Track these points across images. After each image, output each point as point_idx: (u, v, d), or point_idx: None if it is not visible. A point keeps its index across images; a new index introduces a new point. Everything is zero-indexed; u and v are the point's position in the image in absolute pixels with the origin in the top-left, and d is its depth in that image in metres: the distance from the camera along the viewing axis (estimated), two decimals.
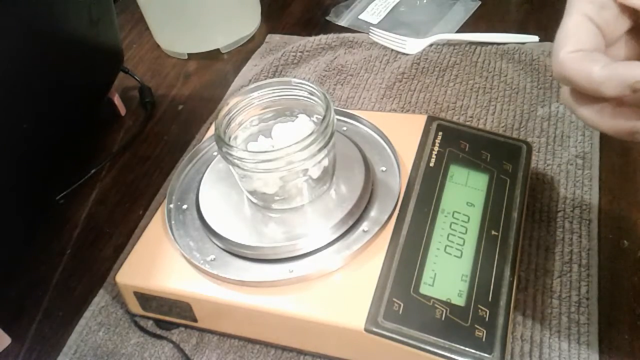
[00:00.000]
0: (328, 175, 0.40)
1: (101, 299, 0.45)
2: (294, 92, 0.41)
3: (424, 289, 0.35)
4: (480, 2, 0.68)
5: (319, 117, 0.39)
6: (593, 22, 0.26)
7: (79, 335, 0.43)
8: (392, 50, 0.63)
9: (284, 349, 0.40)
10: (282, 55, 0.64)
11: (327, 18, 0.71)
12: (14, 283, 0.48)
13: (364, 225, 0.39)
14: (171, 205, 0.43)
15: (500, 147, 0.44)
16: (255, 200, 0.41)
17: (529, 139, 0.50)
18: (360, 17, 0.70)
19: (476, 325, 0.34)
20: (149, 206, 0.52)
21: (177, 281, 0.39)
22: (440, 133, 0.44)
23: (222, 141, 0.37)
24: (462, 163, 0.42)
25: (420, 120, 0.45)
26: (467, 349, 0.33)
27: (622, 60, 0.25)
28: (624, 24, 0.27)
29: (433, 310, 0.34)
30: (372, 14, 0.70)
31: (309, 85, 0.40)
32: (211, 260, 0.39)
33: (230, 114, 0.40)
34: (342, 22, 0.70)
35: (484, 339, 0.33)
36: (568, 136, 0.50)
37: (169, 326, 0.42)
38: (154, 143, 0.59)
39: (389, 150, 0.44)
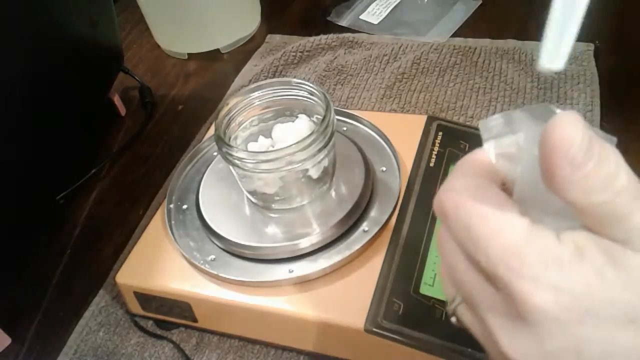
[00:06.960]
0: (328, 175, 0.40)
1: (101, 299, 0.45)
2: (294, 92, 0.41)
3: (424, 289, 0.35)
4: (480, 2, 0.68)
5: (319, 117, 0.39)
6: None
7: (79, 335, 0.43)
8: (392, 50, 0.63)
9: (284, 349, 0.40)
10: (282, 55, 0.64)
11: (329, 18, 0.71)
12: (14, 283, 0.48)
13: (364, 225, 0.39)
14: (171, 205, 0.43)
15: None
16: (255, 200, 0.41)
17: None
18: (361, 17, 0.70)
19: None
20: (149, 206, 0.52)
21: (177, 281, 0.39)
22: (440, 133, 0.44)
23: (222, 141, 0.37)
24: None
25: (420, 121, 0.45)
26: (467, 349, 0.33)
27: None
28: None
29: (433, 310, 0.34)
30: (372, 14, 0.70)
31: (309, 85, 0.40)
32: (211, 260, 0.39)
33: (230, 114, 0.40)
34: (343, 22, 0.70)
35: None
36: None
37: (169, 326, 0.42)
38: (154, 143, 0.59)
39: (389, 150, 0.44)
